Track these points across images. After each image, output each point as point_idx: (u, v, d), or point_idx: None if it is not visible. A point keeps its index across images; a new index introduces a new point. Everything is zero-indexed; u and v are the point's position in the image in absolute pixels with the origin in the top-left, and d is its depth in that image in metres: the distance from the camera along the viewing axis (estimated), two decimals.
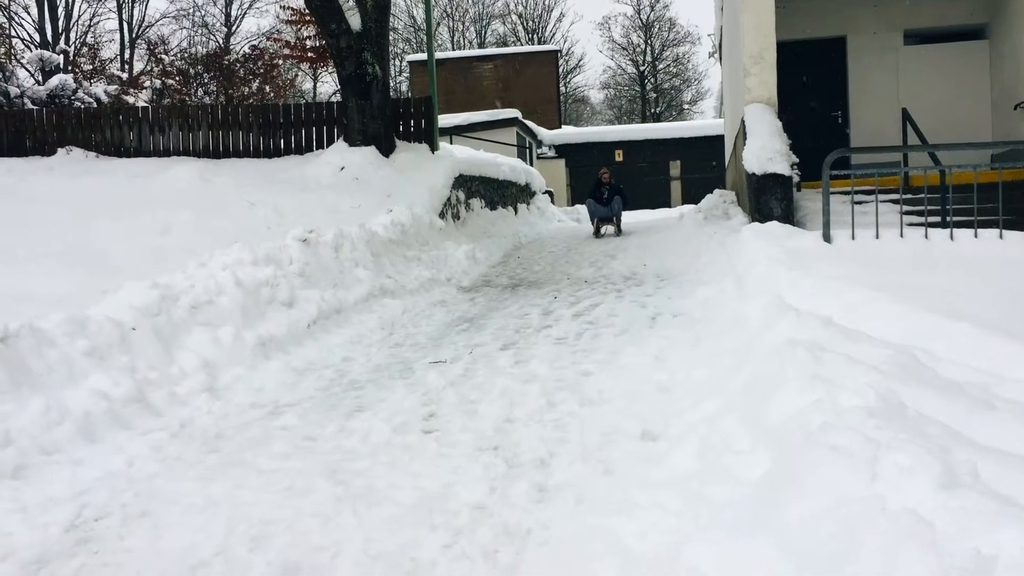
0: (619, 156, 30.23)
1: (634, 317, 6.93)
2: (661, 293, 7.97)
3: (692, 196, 25.71)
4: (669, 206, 26.42)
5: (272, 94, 25.79)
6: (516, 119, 25.01)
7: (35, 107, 17.15)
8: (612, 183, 14.64)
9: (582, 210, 21.98)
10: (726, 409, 4.01)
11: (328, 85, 39.41)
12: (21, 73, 21.72)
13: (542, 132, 28.99)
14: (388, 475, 3.95)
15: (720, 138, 21.26)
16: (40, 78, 21.19)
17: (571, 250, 12.53)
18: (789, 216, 9.04)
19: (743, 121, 10.72)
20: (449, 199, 12.38)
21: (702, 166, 29.02)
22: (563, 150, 29.72)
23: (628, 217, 15.65)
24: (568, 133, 31.61)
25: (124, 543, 3.43)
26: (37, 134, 13.88)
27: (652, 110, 50.17)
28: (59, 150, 13.66)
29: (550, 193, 21.26)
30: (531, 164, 24.17)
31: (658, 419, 4.32)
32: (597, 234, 14.36)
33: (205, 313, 5.99)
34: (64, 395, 4.64)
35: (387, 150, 12.67)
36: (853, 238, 7.32)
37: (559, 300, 8.14)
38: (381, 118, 12.69)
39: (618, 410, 4.56)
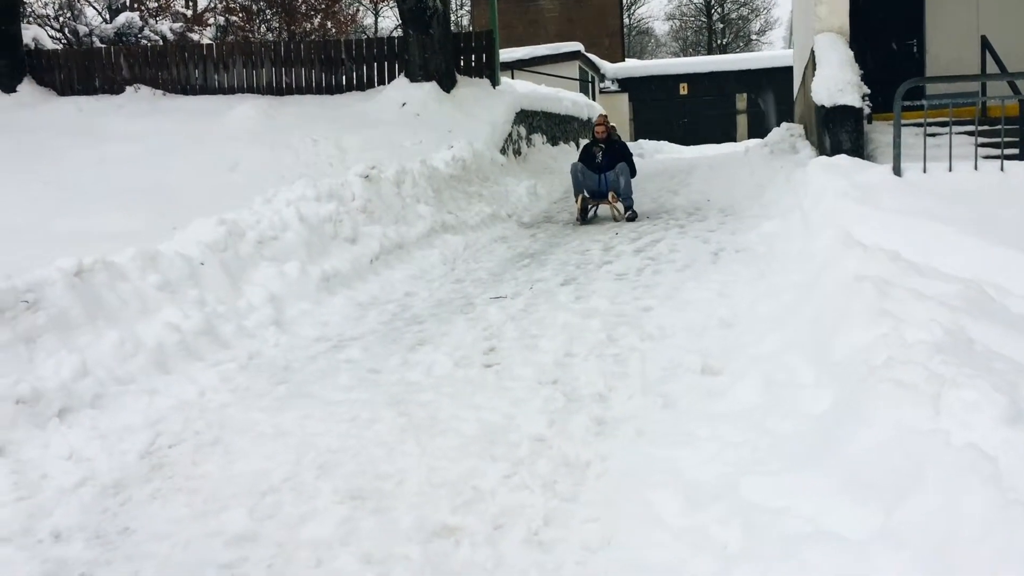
0: (684, 89, 29.59)
1: (696, 252, 6.86)
2: (724, 228, 7.86)
3: (759, 130, 25.12)
4: (735, 140, 25.88)
5: (334, 30, 25.75)
6: (578, 52, 24.61)
7: (103, 45, 17.40)
8: (612, 138, 9.90)
9: (646, 145, 21.68)
10: (790, 344, 3.97)
11: (389, 20, 39.19)
12: (89, 11, 22.00)
13: (605, 66, 28.49)
14: (450, 407, 4.02)
15: (789, 70, 20.65)
16: (107, 16, 21.45)
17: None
18: (859, 149, 8.79)
19: (813, 51, 10.39)
20: (510, 134, 12.30)
21: (770, 99, 28.28)
22: (626, 84, 29.19)
23: (692, 152, 14.68)
24: (631, 66, 30.99)
25: (197, 469, 3.56)
26: (106, 72, 14.08)
27: (719, 41, 48.89)
28: (127, 88, 13.86)
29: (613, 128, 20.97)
30: (593, 98, 23.83)
31: (720, 354, 4.31)
32: (582, 217, 9.33)
33: (271, 248, 6.10)
34: (137, 327, 4.79)
35: (448, 85, 12.60)
36: (925, 171, 7.09)
37: (620, 236, 8.09)
38: (442, 53, 12.60)
39: (679, 345, 4.55)
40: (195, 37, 20.40)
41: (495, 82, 13.16)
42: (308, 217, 6.57)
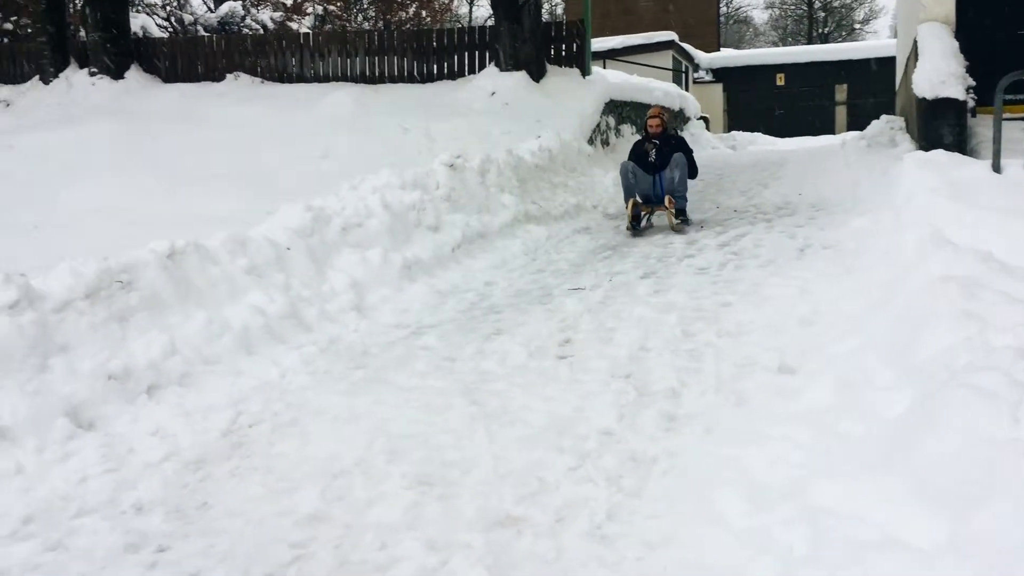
0: (780, 80, 28.91)
1: (782, 248, 6.71)
2: (813, 224, 7.67)
3: (858, 122, 24.36)
4: (833, 133, 25.17)
5: (428, 19, 26.00)
6: (672, 42, 24.31)
7: (206, 34, 17.95)
8: (666, 134, 8.62)
9: (739, 137, 21.27)
10: (870, 344, 3.86)
11: (484, 8, 39.35)
12: (195, 0, 22.71)
13: (699, 55, 28.06)
14: (521, 397, 4.04)
15: (892, 60, 19.97)
16: (212, 5, 22.11)
17: (723, 178, 12.19)
18: (961, 144, 8.45)
19: (915, 41, 10.03)
20: (599, 125, 12.24)
21: (870, 90, 27.36)
22: (721, 74, 28.70)
23: (787, 144, 14.22)
24: (726, 56, 30.43)
25: (274, 449, 3.67)
26: (208, 60, 14.53)
27: (820, 30, 47.56)
28: (228, 76, 14.27)
29: (705, 119, 20.66)
30: (686, 89, 23.51)
31: (797, 352, 4.22)
32: (634, 226, 8.11)
33: (355, 235, 6.22)
34: (225, 310, 4.95)
35: (538, 75, 12.60)
36: None
37: (705, 229, 7.97)
38: (532, 42, 12.60)
39: (756, 342, 4.47)
40: (294, 26, 20.88)
41: (585, 72, 13.10)
42: (392, 205, 6.67)
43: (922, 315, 3.62)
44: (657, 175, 8.27)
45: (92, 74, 14.11)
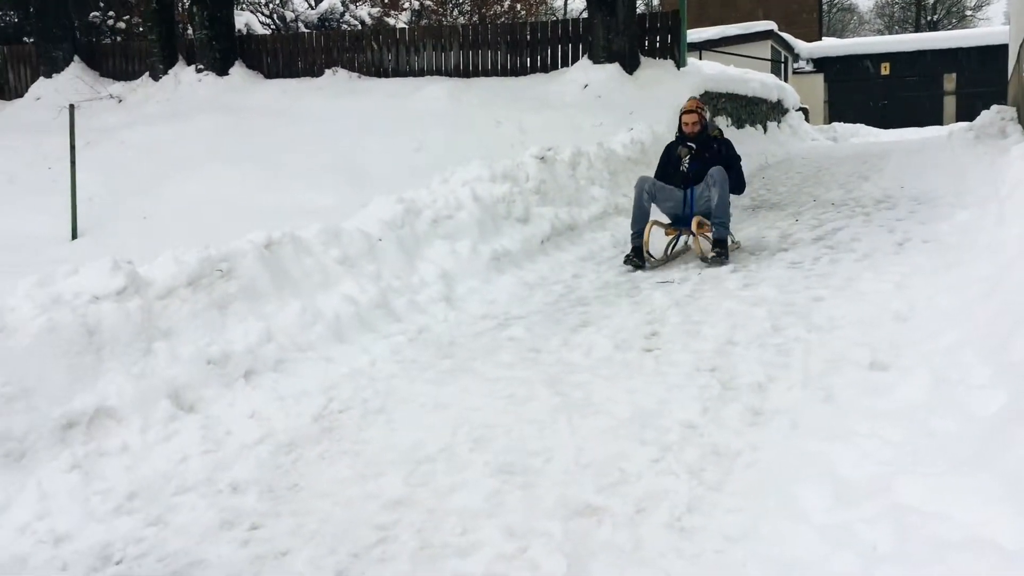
0: (885, 69, 27.99)
1: (879, 242, 6.53)
2: (914, 217, 7.43)
3: (968, 113, 23.42)
4: (940, 124, 24.25)
5: (523, 12, 26.04)
6: (771, 32, 23.79)
7: (307, 30, 18.39)
8: (706, 134, 6.80)
9: (840, 128, 20.71)
10: (966, 341, 3.74)
11: (579, 1, 39.20)
12: None
13: (799, 45, 27.38)
14: (605, 389, 4.05)
15: (1005, 47, 19.10)
16: (312, 2, 22.64)
17: (821, 171, 11.91)
18: None
19: None
20: None
21: (981, 79, 26.24)
22: (822, 64, 27.94)
23: (890, 136, 13.70)
24: (828, 45, 29.60)
25: (362, 434, 3.78)
26: (308, 56, 14.89)
27: (928, 17, 45.81)
28: (326, 71, 14.60)
29: (804, 110, 20.17)
30: (785, 79, 22.99)
31: (890, 349, 4.11)
32: (635, 260, 6.41)
33: (445, 227, 6.32)
34: (318, 299, 5.10)
35: (631, 67, 12.52)
36: None
37: (800, 223, 7.81)
38: (626, 34, 12.52)
39: (847, 337, 4.37)
40: (391, 21, 21.20)
41: (680, 63, 12.95)
42: (482, 197, 6.74)
43: (1022, 311, 3.49)
44: (689, 190, 6.58)
45: (198, 71, 14.63)
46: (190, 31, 15.69)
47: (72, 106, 10.22)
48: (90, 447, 3.59)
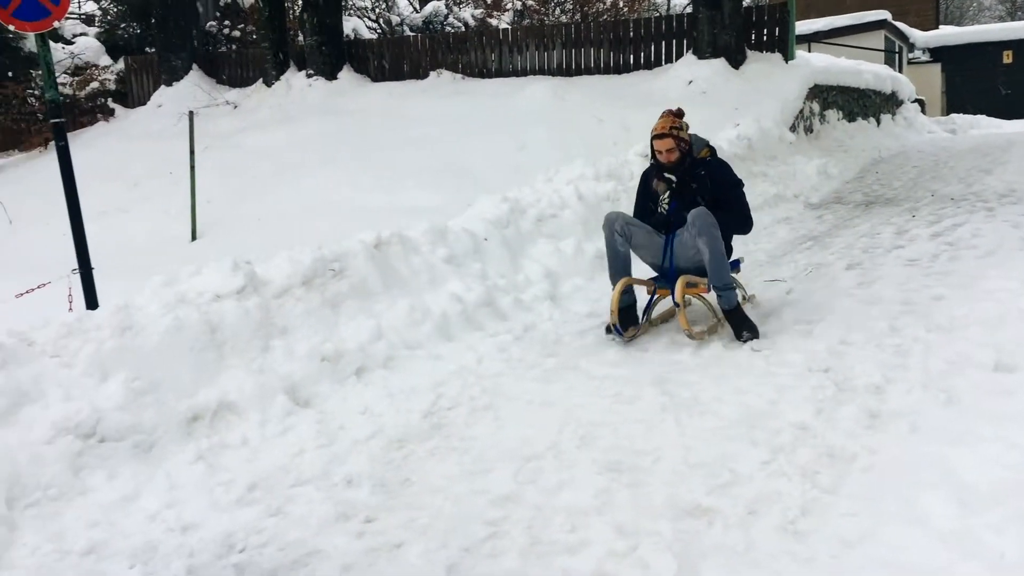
0: (1007, 57, 26.68)
1: (1004, 238, 6.25)
2: None
3: None
4: None
5: (626, 9, 25.86)
6: (884, 21, 22.98)
7: (412, 33, 18.70)
8: (690, 159, 4.97)
9: (958, 120, 19.86)
10: None
11: None
12: (402, 1, 23.66)
13: (914, 34, 26.36)
14: (714, 389, 4.00)
15: None
16: (417, 6, 22.99)
17: (939, 164, 11.46)
18: None
19: None
20: (801, 111, 11.79)
21: None
22: (939, 53, 26.82)
23: (1014, 127, 12.91)
24: (945, 34, 28.38)
25: (470, 431, 3.83)
26: (413, 59, 15.14)
27: None
28: (431, 73, 14.81)
29: (920, 102, 19.43)
30: (900, 70, 22.18)
31: (1017, 349, 3.93)
32: (620, 326, 4.84)
33: (549, 226, 6.34)
34: (426, 297, 5.19)
35: (737, 62, 12.29)
36: None
37: (917, 219, 7.54)
38: (732, 28, 12.30)
39: (970, 338, 4.19)
40: (494, 22, 21.36)
41: (788, 56, 12.64)
42: (586, 196, 6.74)
43: None
44: (670, 237, 4.91)
45: (309, 76, 15.04)
46: (301, 38, 16.14)
47: (191, 113, 10.65)
48: (213, 440, 3.75)
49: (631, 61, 13.51)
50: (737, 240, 5.39)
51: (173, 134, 13.08)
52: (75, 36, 19.27)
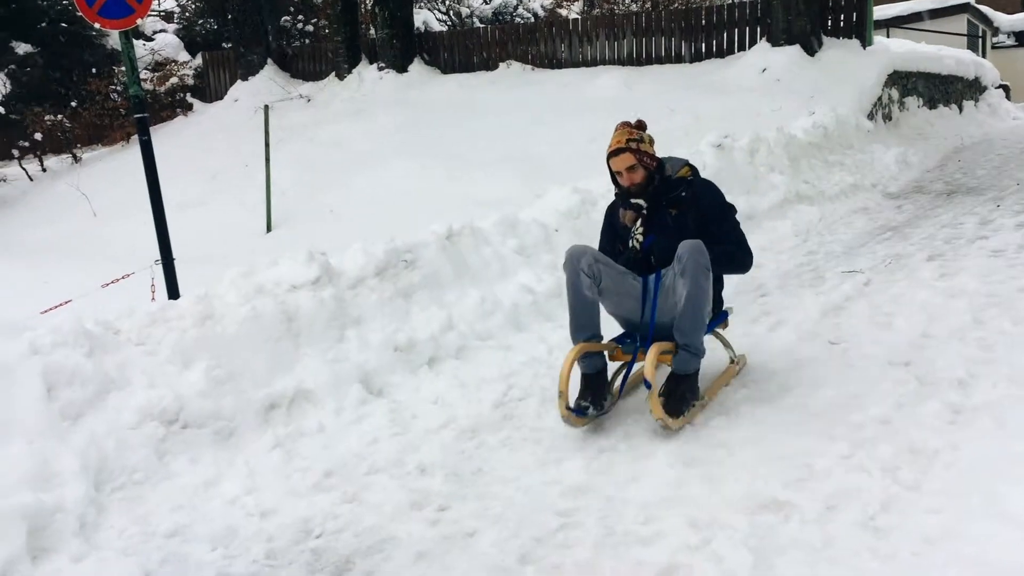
0: None
1: None
2: None
3: None
4: None
5: None
6: (967, 5, 22.24)
7: (482, 25, 18.74)
8: (663, 182, 3.85)
9: None
10: None
11: None
12: None
13: (999, 18, 25.42)
14: (792, 381, 3.93)
15: None
16: None
17: None
18: None
19: None
20: (880, 98, 11.49)
21: None
22: None
23: None
24: None
25: (541, 421, 3.83)
26: (483, 50, 15.18)
27: None
28: (500, 64, 14.82)
29: (1005, 88, 18.77)
30: (983, 55, 21.46)
31: None
32: (580, 410, 3.65)
33: None
34: (496, 288, 5.21)
35: (812, 48, 12.03)
36: None
37: (1002, 208, 7.29)
38: (807, 14, 12.04)
39: None
40: (563, 13, 21.29)
41: (866, 42, 12.33)
42: None
43: None
44: (653, 278, 3.77)
45: (380, 68, 15.20)
46: (372, 31, 16.31)
47: (267, 107, 10.86)
48: (290, 427, 3.83)
49: (703, 49, 13.33)
50: (809, 228, 5.26)
51: (249, 128, 13.33)
52: (155, 32, 19.81)
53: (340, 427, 3.88)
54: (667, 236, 3.74)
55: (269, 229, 9.78)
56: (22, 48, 16.58)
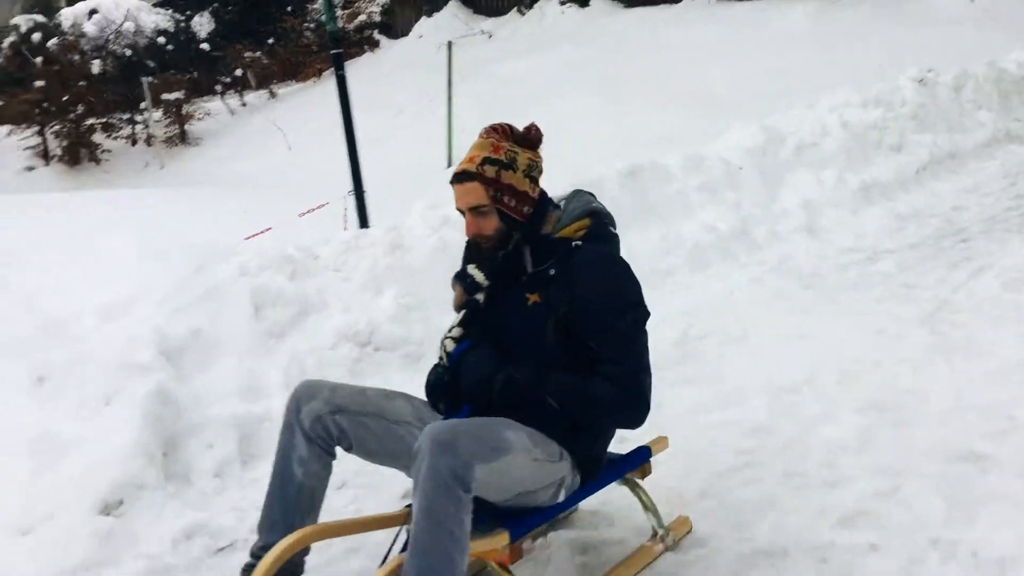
0: None
1: None
2: None
3: None
4: None
5: None
6: None
7: None
8: (510, 235, 2.23)
9: None
10: None
11: None
12: None
13: None
14: (990, 330, 3.73)
15: None
16: None
17: None
18: None
19: None
20: None
21: None
22: None
23: None
24: None
25: (722, 360, 3.81)
26: None
27: None
28: None
29: None
30: None
31: None
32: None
33: (809, 155, 6.07)
34: (678, 226, 5.16)
35: None
36: None
37: None
38: None
39: None
40: None
41: None
42: (851, 124, 6.38)
43: None
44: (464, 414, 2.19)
45: (562, 3, 15.10)
46: None
47: (449, 43, 11.03)
48: None
49: None
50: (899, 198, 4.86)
51: (432, 64, 13.60)
52: None
53: None
54: (493, 347, 2.22)
55: (449, 164, 10.01)
56: None
